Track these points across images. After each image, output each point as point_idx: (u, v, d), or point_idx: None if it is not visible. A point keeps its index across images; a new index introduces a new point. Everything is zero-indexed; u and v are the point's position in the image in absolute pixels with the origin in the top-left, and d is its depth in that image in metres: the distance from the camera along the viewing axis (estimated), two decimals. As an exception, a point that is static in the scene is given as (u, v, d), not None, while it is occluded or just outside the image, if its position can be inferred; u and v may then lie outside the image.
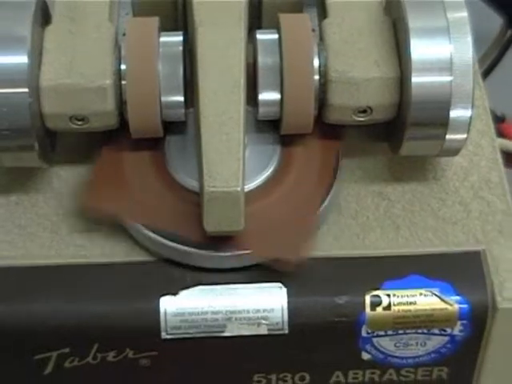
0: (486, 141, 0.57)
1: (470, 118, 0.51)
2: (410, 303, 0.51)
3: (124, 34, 0.52)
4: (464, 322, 0.51)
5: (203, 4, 0.51)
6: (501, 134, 0.73)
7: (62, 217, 0.54)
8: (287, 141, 0.54)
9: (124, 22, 0.54)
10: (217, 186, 0.47)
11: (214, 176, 0.47)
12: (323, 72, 0.51)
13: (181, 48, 0.52)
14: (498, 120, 0.72)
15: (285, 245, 0.50)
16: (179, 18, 0.57)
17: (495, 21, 0.86)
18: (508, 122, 0.75)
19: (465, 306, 0.51)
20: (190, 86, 0.52)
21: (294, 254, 0.50)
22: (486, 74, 0.92)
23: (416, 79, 0.50)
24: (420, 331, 0.52)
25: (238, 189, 0.47)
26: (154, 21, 0.52)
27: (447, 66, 0.50)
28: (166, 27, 0.53)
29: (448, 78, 0.50)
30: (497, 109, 0.59)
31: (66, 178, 0.55)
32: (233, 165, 0.47)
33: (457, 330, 0.52)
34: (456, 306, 0.51)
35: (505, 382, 0.55)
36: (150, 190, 0.53)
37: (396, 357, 0.53)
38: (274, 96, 0.51)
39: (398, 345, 0.52)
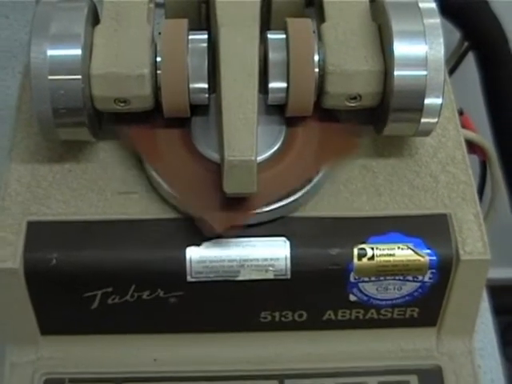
0: (452, 125, 0.57)
1: (441, 105, 0.51)
2: (390, 255, 0.51)
3: (159, 33, 0.51)
4: (433, 270, 0.51)
5: (224, 8, 0.51)
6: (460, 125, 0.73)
7: (106, 182, 0.54)
8: (291, 122, 0.54)
9: (159, 23, 0.53)
10: (235, 156, 0.47)
11: (233, 147, 0.47)
12: (322, 66, 0.51)
13: (205, 44, 0.51)
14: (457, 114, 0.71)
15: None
16: (203, 20, 0.57)
17: (454, 34, 0.86)
18: (465, 115, 0.75)
19: (434, 257, 0.51)
20: (212, 76, 0.51)
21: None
22: (447, 76, 0.92)
23: (397, 72, 0.50)
24: (397, 278, 0.52)
25: (253, 158, 0.47)
26: (184, 22, 0.52)
27: (423, 63, 0.50)
28: (192, 27, 0.52)
29: (423, 72, 0.50)
30: (456, 105, 0.59)
31: (109, 150, 0.55)
32: (248, 138, 0.47)
33: (427, 277, 0.52)
34: (427, 258, 0.51)
35: (463, 318, 0.54)
36: (179, 159, 0.52)
37: (377, 299, 0.53)
38: (281, 85, 0.51)
39: (379, 289, 0.52)
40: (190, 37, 0.51)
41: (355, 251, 0.51)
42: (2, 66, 0.84)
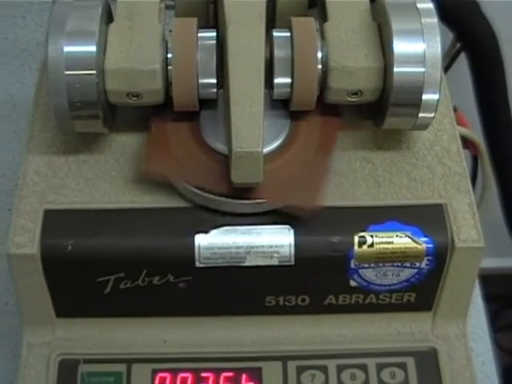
0: (447, 120, 0.56)
1: (438, 100, 0.51)
2: (388, 243, 0.51)
3: (170, 31, 0.51)
4: (429, 257, 0.51)
5: (232, 8, 0.50)
6: (455, 120, 0.73)
7: (119, 172, 0.53)
8: (295, 116, 0.53)
9: (169, 23, 0.53)
10: (242, 147, 0.46)
11: (240, 139, 0.46)
12: (324, 62, 0.50)
13: (214, 42, 0.51)
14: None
15: (297, 195, 0.50)
16: (210, 19, 0.57)
17: (448, 35, 0.85)
18: (458, 112, 0.74)
19: (430, 245, 0.51)
20: (220, 72, 0.51)
21: (306, 202, 0.49)
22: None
23: (397, 69, 0.49)
24: (395, 264, 0.51)
25: (259, 149, 0.47)
26: (194, 21, 0.52)
27: (421, 60, 0.49)
28: (201, 25, 0.52)
29: (421, 69, 0.50)
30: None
31: (122, 142, 0.55)
32: (255, 131, 0.47)
33: (424, 264, 0.51)
34: (424, 246, 0.51)
35: (457, 303, 0.54)
36: (189, 152, 0.52)
37: (376, 284, 0.52)
38: (286, 80, 0.51)
39: (378, 275, 0.52)
40: (199, 34, 0.51)
41: (356, 239, 0.50)
42: (20, 64, 0.83)
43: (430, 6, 0.51)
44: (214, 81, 0.51)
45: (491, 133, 0.87)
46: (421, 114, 0.51)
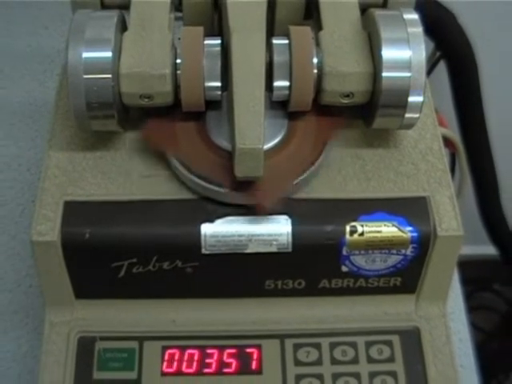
0: (430, 121, 0.55)
1: (422, 102, 0.50)
2: (377, 232, 0.50)
3: (179, 38, 0.50)
4: (414, 245, 0.50)
5: (235, 17, 0.49)
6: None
7: (132, 166, 0.52)
8: (292, 116, 0.52)
9: (179, 30, 0.52)
10: (246, 144, 0.46)
11: (244, 137, 0.46)
12: (320, 67, 0.50)
13: (219, 48, 0.50)
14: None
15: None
16: (215, 26, 0.56)
17: (428, 44, 0.84)
18: (439, 114, 0.73)
19: (415, 234, 0.50)
20: (224, 76, 0.50)
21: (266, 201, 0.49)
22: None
23: (385, 74, 0.49)
24: (383, 252, 0.50)
25: (260, 146, 0.46)
26: (200, 29, 0.51)
27: (407, 65, 0.49)
28: (206, 32, 0.51)
29: (408, 74, 0.49)
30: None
31: (135, 139, 0.54)
32: (257, 129, 0.46)
33: (409, 251, 0.50)
34: (409, 234, 0.50)
35: (438, 287, 0.53)
36: (196, 148, 0.51)
37: (366, 270, 0.51)
38: (285, 83, 0.50)
39: (367, 261, 0.51)
40: (206, 42, 0.50)
41: (347, 228, 0.49)
42: (42, 70, 0.83)
43: (416, 16, 0.50)
44: (218, 84, 0.50)
45: (466, 133, 0.86)
46: (407, 115, 0.50)
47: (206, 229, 0.49)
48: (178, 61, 0.49)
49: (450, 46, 0.81)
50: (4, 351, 0.62)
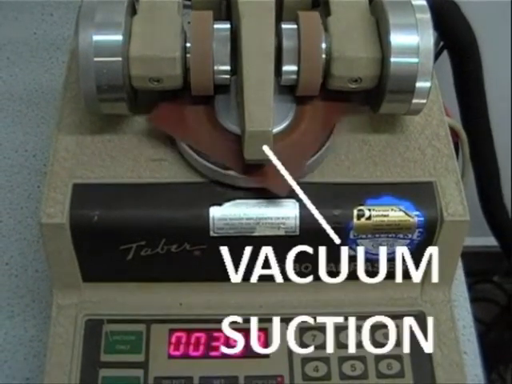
0: (436, 107, 0.55)
1: (430, 88, 0.50)
2: (384, 216, 0.50)
3: (189, 22, 0.50)
4: (420, 230, 0.50)
5: (245, 2, 0.49)
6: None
7: (140, 149, 0.52)
8: (300, 100, 0.52)
9: (188, 14, 0.52)
10: (255, 127, 0.46)
11: (253, 120, 0.46)
12: (328, 52, 0.49)
13: (228, 33, 0.50)
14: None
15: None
16: (223, 12, 0.56)
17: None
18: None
19: (421, 218, 0.50)
20: (233, 60, 0.50)
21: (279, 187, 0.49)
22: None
23: (393, 59, 0.48)
24: (390, 236, 0.50)
25: (270, 129, 0.46)
26: (209, 13, 0.50)
27: (415, 51, 0.48)
28: (214, 18, 0.51)
29: (415, 59, 0.49)
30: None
31: (143, 123, 0.54)
32: (266, 112, 0.46)
33: (415, 235, 0.50)
34: (415, 219, 0.50)
35: (444, 272, 0.53)
36: (205, 131, 0.51)
37: (372, 253, 0.51)
38: (293, 68, 0.50)
39: (374, 245, 0.51)
40: (215, 26, 0.50)
41: (355, 212, 0.49)
42: (48, 57, 0.83)
43: (424, 3, 0.50)
44: (228, 68, 0.50)
45: (468, 122, 0.86)
46: (414, 100, 0.50)
47: (215, 212, 0.49)
48: (188, 44, 0.49)
49: (453, 35, 0.81)
50: (11, 335, 0.62)
